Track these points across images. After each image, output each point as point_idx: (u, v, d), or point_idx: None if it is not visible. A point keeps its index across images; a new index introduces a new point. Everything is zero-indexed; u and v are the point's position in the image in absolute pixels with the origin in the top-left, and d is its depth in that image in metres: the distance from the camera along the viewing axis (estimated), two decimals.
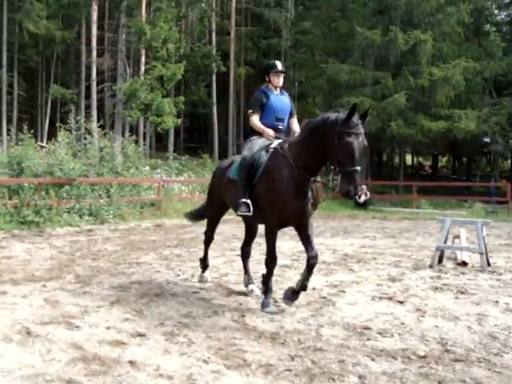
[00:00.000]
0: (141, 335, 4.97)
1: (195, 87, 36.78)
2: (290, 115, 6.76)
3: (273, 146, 6.13)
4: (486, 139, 28.04)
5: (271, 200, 5.83)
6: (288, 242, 11.00)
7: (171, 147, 33.09)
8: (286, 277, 7.77)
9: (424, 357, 4.61)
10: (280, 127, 6.58)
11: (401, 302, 6.16)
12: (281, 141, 6.21)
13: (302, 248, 6.01)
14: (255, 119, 6.51)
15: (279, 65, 6.71)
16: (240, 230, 13.07)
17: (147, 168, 19.56)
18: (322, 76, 28.67)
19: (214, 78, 35.65)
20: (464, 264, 9.19)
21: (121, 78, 28.51)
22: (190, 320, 5.52)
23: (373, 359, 4.52)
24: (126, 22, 28.32)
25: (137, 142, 21.74)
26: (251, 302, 6.35)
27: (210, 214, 7.45)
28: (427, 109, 26.73)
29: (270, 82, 6.62)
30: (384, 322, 5.59)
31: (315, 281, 7.31)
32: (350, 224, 16.89)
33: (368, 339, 5.05)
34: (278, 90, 6.66)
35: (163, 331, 5.12)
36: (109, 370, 4.14)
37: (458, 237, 10.49)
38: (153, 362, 4.33)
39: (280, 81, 6.64)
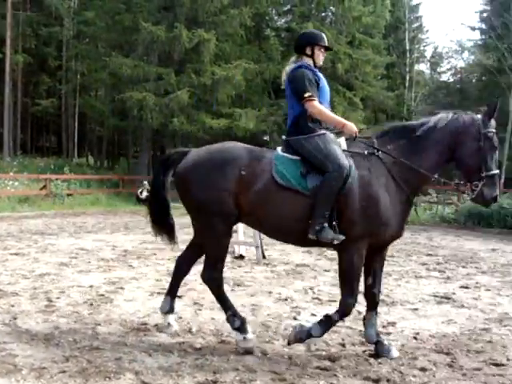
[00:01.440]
0: None
1: None
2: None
3: (359, 147, 4.73)
4: (266, 137, 29.39)
5: (368, 225, 4.50)
6: (67, 239, 10.43)
7: None
8: (63, 275, 7.41)
9: (200, 349, 4.60)
10: None
11: (179, 297, 6.09)
12: (366, 141, 4.77)
13: (81, 245, 5.69)
14: (321, 106, 4.73)
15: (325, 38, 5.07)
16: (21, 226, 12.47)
17: None
18: (105, 69, 27.88)
19: None
20: (241, 257, 9.46)
21: None
22: None
23: (150, 355, 4.43)
24: None
25: None
26: (24, 304, 5.87)
27: (213, 243, 4.80)
28: (209, 106, 27.37)
29: (311, 56, 4.94)
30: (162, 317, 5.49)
31: (93, 278, 7.04)
32: (132, 220, 16.62)
33: (145, 335, 4.96)
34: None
35: None
36: None
37: (235, 231, 10.76)
38: None
39: (322, 60, 5.04)
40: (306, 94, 4.65)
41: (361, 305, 6.23)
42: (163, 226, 5.14)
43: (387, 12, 33.34)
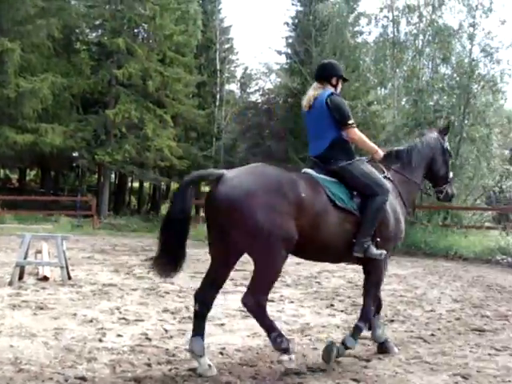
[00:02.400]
0: None
1: None
2: None
3: (387, 174, 5.37)
4: (75, 154, 28.53)
5: (395, 241, 5.35)
6: None
7: None
8: None
9: None
10: None
11: None
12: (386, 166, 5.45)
13: None
14: (360, 133, 5.20)
15: None
16: None
17: None
18: None
19: None
20: (45, 279, 9.03)
21: None
22: None
23: None
24: None
25: None
26: None
27: (270, 268, 4.66)
28: (13, 121, 25.99)
29: (334, 86, 5.21)
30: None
31: None
32: None
33: None
34: None
35: None
36: None
37: (40, 252, 10.33)
38: None
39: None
40: (350, 121, 5.03)
41: (167, 323, 6.32)
42: (175, 255, 4.74)
43: (199, 32, 34.01)
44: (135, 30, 32.96)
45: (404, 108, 22.11)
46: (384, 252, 4.90)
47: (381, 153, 5.33)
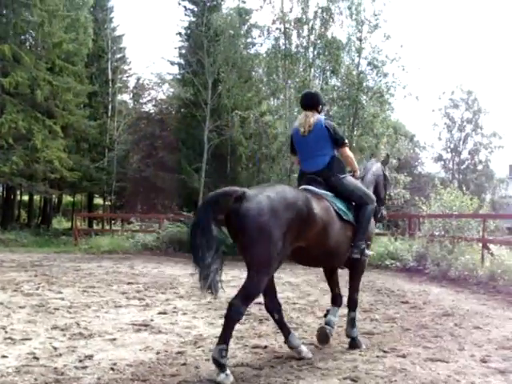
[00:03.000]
0: None
1: None
2: None
3: None
4: None
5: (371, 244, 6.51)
6: None
7: None
8: None
9: None
10: None
11: None
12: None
13: None
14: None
15: None
16: None
17: None
18: None
19: None
20: None
21: None
22: None
23: None
24: None
25: None
26: None
27: (265, 279, 5.08)
28: None
29: (318, 112, 6.16)
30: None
31: None
32: None
33: None
34: None
35: None
36: None
37: None
38: None
39: None
40: (346, 141, 6.07)
41: (57, 340, 6.11)
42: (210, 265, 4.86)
43: (90, 40, 33.23)
44: (22, 37, 31.73)
45: (296, 118, 22.54)
46: (368, 253, 6.00)
47: (358, 171, 6.32)
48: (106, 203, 39.53)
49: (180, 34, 34.53)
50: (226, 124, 28.73)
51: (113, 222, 34.23)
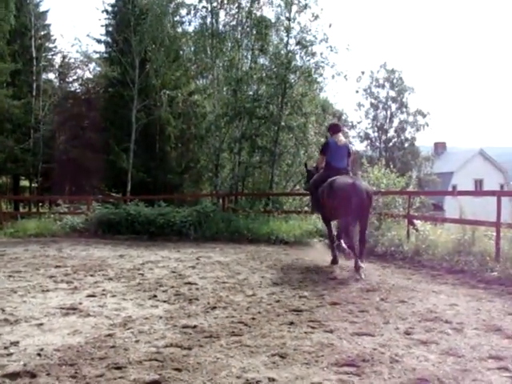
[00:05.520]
0: None
1: None
2: None
3: None
4: None
5: None
6: None
7: None
8: None
9: None
10: None
11: None
12: None
13: None
14: None
15: None
16: None
17: None
18: None
19: None
20: None
21: None
22: None
23: None
24: None
25: None
26: None
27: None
28: None
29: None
30: None
31: None
32: None
33: None
34: None
35: None
36: None
37: None
38: None
39: None
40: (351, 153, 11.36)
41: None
42: None
43: (12, 16, 31.93)
44: None
45: (224, 97, 22.50)
46: None
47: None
48: (33, 185, 38.39)
49: (107, 11, 33.65)
50: (154, 104, 28.43)
51: (40, 204, 33.36)
